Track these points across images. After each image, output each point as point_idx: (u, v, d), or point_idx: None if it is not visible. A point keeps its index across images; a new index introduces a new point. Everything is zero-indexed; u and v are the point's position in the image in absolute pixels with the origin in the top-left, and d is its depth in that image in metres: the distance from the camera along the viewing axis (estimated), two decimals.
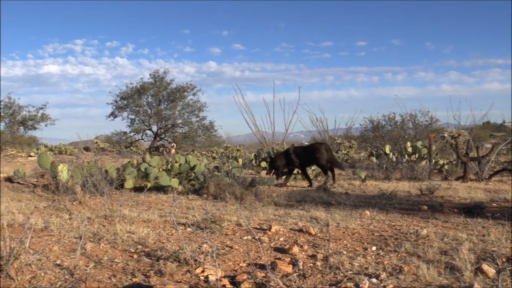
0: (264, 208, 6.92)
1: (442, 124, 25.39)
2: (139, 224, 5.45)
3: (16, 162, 17.29)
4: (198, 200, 7.87)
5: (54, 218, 5.70)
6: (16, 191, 8.70)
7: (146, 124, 30.79)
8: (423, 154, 14.57)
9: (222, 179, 8.65)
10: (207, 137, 31.01)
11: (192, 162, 10.25)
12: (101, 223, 5.52)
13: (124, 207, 6.42)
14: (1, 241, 3.47)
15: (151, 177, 9.24)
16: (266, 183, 9.59)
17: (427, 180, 11.63)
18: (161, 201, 7.76)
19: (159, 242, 4.68)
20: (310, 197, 8.26)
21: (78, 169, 8.53)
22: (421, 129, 26.11)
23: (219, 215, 5.62)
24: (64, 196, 7.74)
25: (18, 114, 28.40)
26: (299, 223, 5.64)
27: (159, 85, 30.18)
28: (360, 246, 4.62)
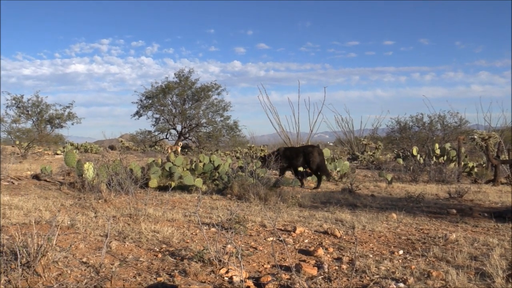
0: (289, 209, 6.91)
1: (472, 125, 24.90)
2: (163, 223, 5.50)
3: (43, 160, 17.68)
4: (222, 200, 7.90)
5: (80, 216, 5.80)
6: (43, 188, 8.88)
7: (170, 124, 31.14)
8: (451, 156, 14.33)
9: (246, 179, 8.66)
10: (231, 137, 31.16)
11: (216, 162, 10.30)
12: (126, 221, 5.59)
13: (148, 206, 6.49)
14: (29, 238, 3.54)
15: (175, 177, 9.32)
16: (290, 184, 9.56)
17: (456, 183, 11.41)
18: (185, 200, 7.82)
19: (184, 241, 4.71)
20: (335, 199, 8.21)
21: (104, 168, 8.66)
22: (450, 130, 25.67)
23: (243, 216, 5.63)
24: (90, 194, 7.87)
25: (45, 113, 29.02)
26: (324, 225, 5.60)
27: (184, 84, 30.47)
28: (387, 250, 4.56)
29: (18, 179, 9.83)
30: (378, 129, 27.60)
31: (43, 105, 28.91)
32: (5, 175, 9.92)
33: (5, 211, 6.05)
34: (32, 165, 13.88)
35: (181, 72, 30.85)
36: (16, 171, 11.75)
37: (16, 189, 8.62)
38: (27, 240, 3.58)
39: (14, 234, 4.11)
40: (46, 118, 28.90)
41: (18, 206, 6.43)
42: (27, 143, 21.07)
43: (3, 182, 9.18)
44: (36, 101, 28.64)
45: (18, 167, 13.03)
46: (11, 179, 9.69)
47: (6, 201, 6.84)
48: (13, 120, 25.12)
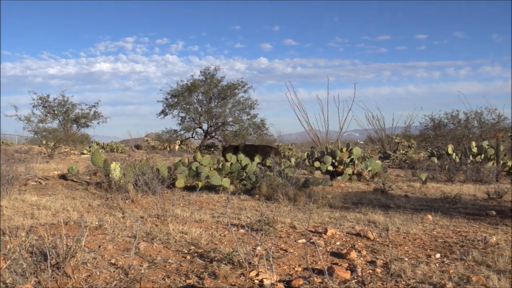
0: (319, 210, 6.87)
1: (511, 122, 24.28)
2: (191, 224, 5.54)
3: (69, 160, 18.04)
4: (250, 201, 7.91)
5: (108, 217, 5.90)
6: (70, 188, 9.07)
7: (196, 122, 31.35)
8: (489, 155, 13.99)
9: (275, 179, 8.65)
10: (258, 135, 31.16)
11: (244, 161, 10.32)
12: (154, 222, 5.65)
13: (176, 206, 6.55)
14: (58, 239, 3.62)
15: (202, 176, 9.38)
16: (320, 183, 9.50)
17: (494, 183, 11.15)
18: (212, 200, 7.85)
19: (212, 243, 4.73)
20: (367, 199, 8.12)
21: (130, 168, 8.78)
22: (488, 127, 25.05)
23: (273, 217, 5.62)
24: (117, 194, 7.99)
25: (71, 112, 29.58)
26: (356, 227, 5.55)
27: (209, 82, 30.62)
28: (423, 253, 4.48)
29: (45, 179, 10.05)
30: (411, 127, 27.21)
31: (69, 105, 29.46)
32: (33, 175, 10.16)
33: (33, 211, 6.20)
34: (58, 165, 14.18)
35: (206, 69, 31.05)
36: (43, 171, 12.02)
37: (43, 189, 8.82)
38: (56, 241, 3.66)
39: (43, 235, 4.20)
40: (72, 117, 29.45)
41: (46, 206, 6.58)
42: (53, 143, 21.53)
43: (31, 182, 9.40)
44: (62, 101, 29.21)
45: (45, 167, 13.33)
46: (38, 179, 9.93)
47: (34, 201, 7.01)
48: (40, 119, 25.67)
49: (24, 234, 4.56)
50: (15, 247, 3.97)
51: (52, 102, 28.90)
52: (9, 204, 6.73)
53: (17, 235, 4.27)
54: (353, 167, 11.88)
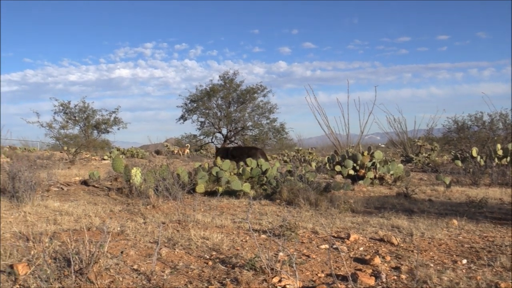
0: (341, 215, 6.82)
1: None
2: (212, 229, 5.55)
3: (90, 165, 18.26)
4: (271, 206, 7.90)
5: (129, 222, 5.95)
6: (91, 194, 9.17)
7: (216, 127, 31.49)
8: None
9: (296, 183, 8.63)
10: (278, 139, 31.17)
11: (264, 166, 10.31)
12: (175, 228, 5.68)
13: (197, 212, 6.57)
14: (81, 245, 3.66)
15: (223, 181, 9.40)
16: (341, 188, 9.44)
17: None
18: (233, 206, 7.86)
19: (234, 248, 4.73)
20: (389, 204, 8.04)
21: (151, 173, 8.85)
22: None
23: (294, 222, 5.60)
24: (138, 199, 8.06)
25: (92, 118, 30.02)
26: (379, 232, 5.49)
27: (228, 87, 30.76)
28: (449, 259, 4.42)
29: (67, 185, 10.19)
30: (434, 129, 26.84)
31: (89, 111, 29.92)
32: (55, 181, 10.30)
33: (56, 217, 6.28)
34: (80, 171, 14.36)
35: (225, 74, 31.21)
36: (65, 176, 12.18)
37: (65, 195, 8.94)
38: (79, 247, 3.70)
39: (66, 241, 4.25)
40: (93, 123, 29.89)
41: (69, 212, 6.66)
42: (74, 149, 21.83)
43: (53, 188, 9.54)
44: (82, 107, 29.68)
45: (67, 173, 13.51)
46: (60, 185, 10.06)
47: (57, 207, 7.11)
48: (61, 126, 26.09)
49: (47, 240, 4.63)
50: (39, 253, 4.03)
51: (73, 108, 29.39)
52: (32, 210, 6.84)
53: (40, 241, 4.33)
54: (375, 171, 11.78)
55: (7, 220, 6.03)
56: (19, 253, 4.25)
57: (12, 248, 4.40)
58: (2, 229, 5.44)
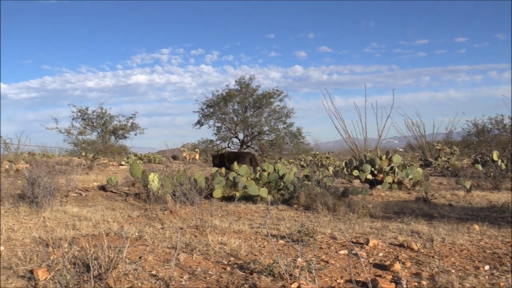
0: (359, 220, 6.77)
1: None
2: (230, 235, 5.55)
3: (108, 171, 18.43)
4: (288, 211, 7.87)
5: (147, 228, 5.98)
6: (109, 199, 9.24)
7: (232, 132, 31.48)
8: None
9: (313, 188, 8.59)
10: (295, 144, 31.04)
11: (281, 170, 10.29)
12: (193, 233, 5.69)
13: (214, 217, 6.58)
14: (99, 251, 3.68)
15: (240, 187, 9.40)
16: (360, 193, 9.37)
17: None
18: (250, 211, 7.86)
19: (251, 254, 4.72)
20: (409, 209, 7.95)
21: (168, 178, 8.89)
22: None
23: (312, 227, 5.57)
24: (155, 205, 8.11)
25: (109, 124, 30.29)
26: (399, 237, 5.43)
27: (245, 91, 30.75)
28: (471, 265, 4.35)
29: (85, 190, 10.29)
30: (453, 133, 26.53)
31: (107, 117, 30.19)
32: (73, 186, 10.41)
33: (74, 222, 6.34)
34: (98, 176, 14.50)
35: (241, 79, 31.21)
36: (83, 182, 12.31)
37: (84, 200, 9.03)
38: (98, 252, 3.73)
39: (85, 246, 4.29)
40: (110, 129, 30.15)
41: (87, 218, 6.73)
42: (92, 155, 22.05)
43: (72, 194, 9.64)
44: (100, 113, 29.96)
45: (85, 178, 13.64)
46: (79, 190, 10.17)
47: (75, 213, 7.18)
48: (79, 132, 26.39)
49: (66, 245, 4.67)
50: (58, 258, 4.07)
51: (91, 114, 29.69)
52: (51, 215, 6.92)
53: (60, 246, 4.38)
54: (393, 175, 11.68)
55: (27, 226, 6.11)
56: (39, 258, 4.30)
57: (32, 253, 4.46)
58: (22, 235, 5.51)
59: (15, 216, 6.84)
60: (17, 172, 15.01)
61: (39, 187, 7.61)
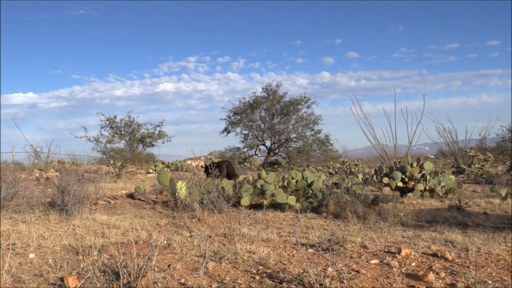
0: (391, 229, 6.67)
1: None
2: (258, 243, 5.53)
3: (136, 179, 18.65)
4: (317, 219, 7.82)
5: (176, 236, 6.01)
6: (137, 207, 9.34)
7: (259, 139, 31.56)
8: None
9: (342, 196, 8.51)
10: (323, 151, 30.93)
11: (310, 178, 10.24)
12: (221, 241, 5.70)
13: (242, 225, 6.57)
14: (128, 259, 3.72)
15: (268, 194, 9.38)
16: (390, 200, 9.24)
17: None
18: (278, 219, 7.83)
19: (281, 263, 4.70)
20: (442, 217, 7.80)
21: (196, 186, 8.94)
22: None
23: (342, 236, 5.51)
24: (183, 213, 8.15)
25: (137, 132, 30.62)
26: (432, 247, 5.33)
27: (272, 98, 30.82)
28: (508, 275, 4.23)
29: (114, 198, 10.42)
30: (487, 139, 25.97)
31: (135, 125, 30.52)
32: (102, 194, 10.57)
33: (104, 230, 6.43)
34: (126, 184, 14.69)
35: (268, 86, 31.33)
36: (111, 190, 12.48)
37: (112, 208, 9.14)
38: (126, 260, 3.76)
39: (114, 254, 4.34)
40: (138, 137, 30.47)
41: (116, 225, 6.81)
42: (120, 163, 22.35)
43: (100, 201, 9.78)
44: (128, 121, 30.31)
45: (113, 186, 13.84)
46: (107, 198, 10.31)
47: (104, 220, 7.28)
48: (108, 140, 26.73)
49: (96, 253, 4.73)
50: (88, 266, 4.13)
51: (119, 123, 30.04)
52: (81, 223, 7.03)
53: (89, 254, 4.44)
54: (424, 182, 11.48)
55: (57, 233, 6.22)
56: (69, 266, 4.37)
57: (62, 261, 4.53)
58: (52, 242, 5.61)
59: (45, 223, 6.97)
60: (47, 180, 15.33)
61: (68, 195, 7.75)
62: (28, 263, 4.57)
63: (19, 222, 7.00)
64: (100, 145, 25.66)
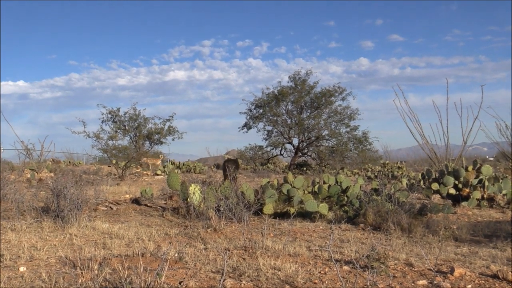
0: (441, 244, 6.60)
1: None
2: (284, 258, 5.53)
3: (142, 182, 18.84)
4: (353, 231, 7.79)
5: (188, 248, 6.05)
6: (144, 214, 9.43)
7: (285, 137, 31.44)
8: None
9: (383, 205, 8.45)
10: (360, 151, 30.65)
11: (345, 183, 10.20)
12: (241, 255, 5.71)
13: (266, 236, 6.58)
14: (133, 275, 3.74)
15: (295, 201, 9.38)
16: (440, 210, 9.14)
17: None
18: (308, 230, 7.82)
19: (310, 281, 4.69)
20: (503, 231, 7.69)
21: (211, 191, 8.98)
22: None
23: (383, 251, 5.47)
24: (197, 221, 8.20)
25: (143, 127, 30.66)
26: (492, 267, 5.25)
27: (300, 89, 30.66)
28: None
29: (116, 204, 10.54)
30: None
31: (141, 119, 30.52)
32: (103, 199, 10.68)
33: (105, 240, 6.50)
34: (130, 187, 14.85)
35: (296, 74, 31.16)
36: (113, 194, 12.64)
37: (115, 215, 9.25)
38: (132, 276, 3.79)
39: (117, 268, 4.38)
40: (145, 133, 30.53)
41: (119, 235, 6.88)
42: (124, 163, 22.49)
43: (101, 207, 9.90)
44: (133, 114, 30.33)
45: (116, 190, 14.01)
46: (109, 203, 10.43)
47: (106, 229, 7.36)
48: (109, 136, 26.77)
49: (96, 266, 4.78)
50: (87, 282, 4.17)
51: (123, 116, 30.09)
52: (79, 232, 7.12)
53: (89, 268, 4.49)
54: (482, 190, 11.34)
55: (51, 243, 6.31)
56: (66, 281, 4.42)
57: (57, 275, 4.59)
58: (46, 254, 5.69)
59: (38, 232, 7.08)
60: (40, 182, 15.54)
61: (65, 200, 7.84)
62: (18, 277, 4.65)
63: (8, 230, 7.12)
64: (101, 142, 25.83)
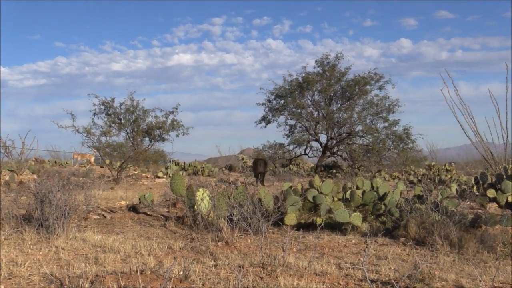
0: (499, 263, 6.57)
1: None
2: (310, 278, 5.54)
3: (140, 185, 18.92)
4: (392, 246, 7.78)
5: (195, 264, 6.07)
6: (143, 224, 9.48)
7: (311, 133, 31.29)
8: None
9: (429, 215, 8.42)
10: (400, 151, 30.42)
11: (382, 188, 10.18)
12: (258, 273, 5.73)
13: (287, 252, 6.59)
14: None
15: (322, 210, 9.37)
16: (498, 222, 9.08)
17: None
18: (337, 245, 7.82)
19: None
20: None
21: (223, 197, 8.98)
22: None
23: (429, 271, 5.47)
24: (205, 233, 8.22)
25: (142, 121, 30.54)
26: None
27: (329, 76, 30.49)
28: None
29: (110, 211, 10.60)
30: None
31: (139, 111, 30.35)
32: (95, 206, 10.75)
33: (97, 254, 6.55)
34: (127, 192, 14.89)
35: (324, 58, 30.96)
36: (107, 200, 12.72)
37: (109, 224, 9.30)
38: None
39: (112, 287, 4.42)
40: (144, 128, 30.45)
41: (114, 249, 6.93)
42: (119, 163, 22.52)
43: (93, 216, 9.97)
44: (130, 106, 30.16)
45: (110, 195, 14.10)
46: (102, 211, 10.49)
47: (98, 241, 7.42)
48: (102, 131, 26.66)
49: (87, 285, 4.83)
50: None
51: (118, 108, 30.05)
52: (66, 244, 7.18)
53: (79, 287, 4.53)
54: None
55: (34, 258, 6.37)
56: None
57: None
58: (28, 270, 5.75)
59: (18, 244, 7.14)
60: (20, 185, 15.63)
61: (50, 206, 7.87)
62: None
63: None
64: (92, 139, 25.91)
